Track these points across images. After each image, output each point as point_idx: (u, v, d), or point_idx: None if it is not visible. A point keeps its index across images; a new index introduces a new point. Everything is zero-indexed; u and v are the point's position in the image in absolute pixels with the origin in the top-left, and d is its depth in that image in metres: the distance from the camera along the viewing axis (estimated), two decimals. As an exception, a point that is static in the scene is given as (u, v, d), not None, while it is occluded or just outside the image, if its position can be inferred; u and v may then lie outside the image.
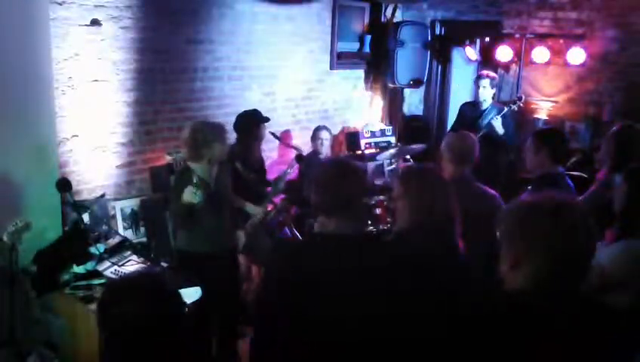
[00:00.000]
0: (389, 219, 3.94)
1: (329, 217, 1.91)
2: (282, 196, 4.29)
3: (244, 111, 4.30)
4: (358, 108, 6.44)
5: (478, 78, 5.17)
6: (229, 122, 4.49)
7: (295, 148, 4.61)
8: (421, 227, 2.12)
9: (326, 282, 1.78)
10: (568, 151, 3.35)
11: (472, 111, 5.22)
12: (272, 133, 4.52)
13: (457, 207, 2.22)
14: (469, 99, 5.90)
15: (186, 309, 1.65)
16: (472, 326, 1.47)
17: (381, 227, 3.90)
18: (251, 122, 4.17)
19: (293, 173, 4.59)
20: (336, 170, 1.96)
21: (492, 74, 5.23)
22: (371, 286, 1.78)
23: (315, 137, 5.17)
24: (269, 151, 5.22)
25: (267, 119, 4.24)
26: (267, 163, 5.07)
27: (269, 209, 4.05)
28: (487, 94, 5.12)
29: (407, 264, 1.87)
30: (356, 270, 1.80)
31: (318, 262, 1.84)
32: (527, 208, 1.53)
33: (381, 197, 4.15)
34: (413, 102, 6.87)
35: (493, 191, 3.02)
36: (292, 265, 1.89)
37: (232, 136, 4.15)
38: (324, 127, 5.24)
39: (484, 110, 5.11)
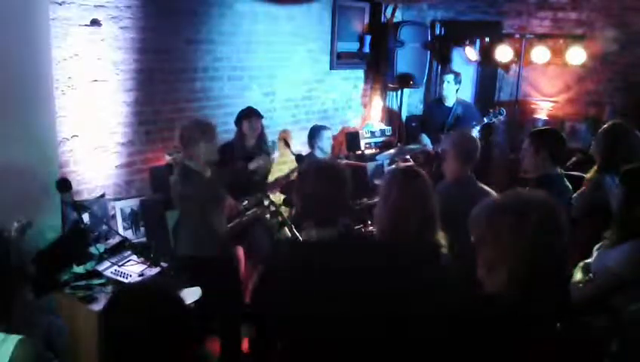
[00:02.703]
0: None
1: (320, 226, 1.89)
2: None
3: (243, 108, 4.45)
4: (358, 108, 6.44)
5: (442, 74, 5.42)
6: (229, 122, 4.53)
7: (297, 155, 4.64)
8: (400, 227, 2.12)
9: (317, 282, 1.79)
10: (566, 151, 3.35)
11: (438, 108, 5.43)
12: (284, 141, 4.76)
13: (436, 207, 2.23)
14: (468, 100, 5.94)
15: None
16: (455, 328, 1.46)
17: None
18: (240, 117, 4.36)
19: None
20: (328, 181, 1.93)
21: (456, 71, 5.47)
22: (358, 286, 1.78)
23: (316, 137, 5.14)
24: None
25: (258, 116, 4.40)
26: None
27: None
28: (450, 90, 5.33)
29: (391, 264, 1.87)
30: (345, 271, 1.80)
31: (310, 264, 1.83)
32: (492, 210, 1.52)
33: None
34: (413, 102, 6.87)
35: (493, 192, 3.02)
36: (286, 265, 1.89)
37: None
38: (326, 127, 5.22)
39: (450, 108, 5.29)
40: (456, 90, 5.40)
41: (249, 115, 4.37)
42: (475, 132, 4.95)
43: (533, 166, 3.21)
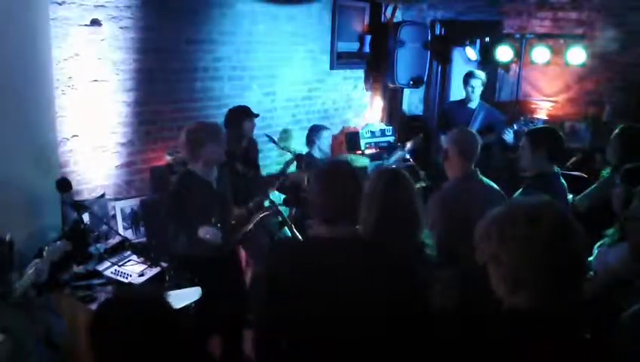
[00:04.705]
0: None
1: (329, 224, 1.89)
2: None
3: (234, 106, 4.36)
4: (358, 108, 6.44)
5: (469, 77, 5.20)
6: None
7: (290, 151, 4.63)
8: (386, 228, 2.13)
9: (317, 282, 1.78)
10: (564, 150, 3.36)
11: (460, 110, 5.27)
12: (268, 136, 4.57)
13: (420, 207, 2.24)
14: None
15: (186, 327, 1.62)
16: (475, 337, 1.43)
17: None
18: (239, 117, 4.24)
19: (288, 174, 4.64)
20: (337, 179, 1.91)
21: (481, 73, 5.27)
22: (359, 286, 1.78)
23: (316, 137, 5.14)
24: (267, 150, 5.22)
25: (256, 115, 4.30)
26: (265, 162, 5.09)
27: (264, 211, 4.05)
28: (477, 93, 5.20)
29: (387, 264, 1.87)
30: (347, 270, 1.80)
31: (313, 263, 1.83)
32: (504, 222, 1.39)
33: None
34: (413, 102, 6.88)
35: (497, 187, 3.07)
36: (287, 265, 1.88)
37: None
38: (327, 127, 5.22)
39: (473, 110, 5.17)
40: (481, 92, 5.26)
41: (249, 114, 4.31)
42: (510, 136, 4.92)
43: (530, 164, 3.22)
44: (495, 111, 5.27)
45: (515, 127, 4.91)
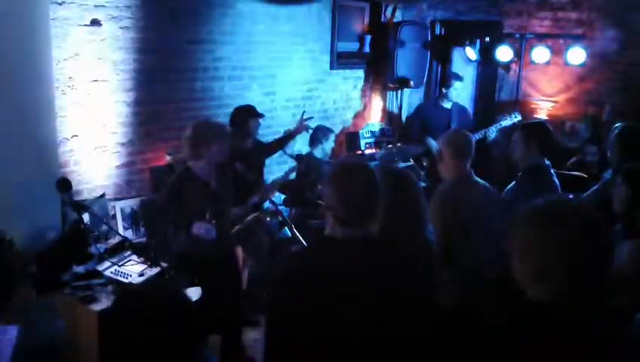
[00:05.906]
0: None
1: (343, 225, 1.87)
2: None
3: (239, 105, 4.36)
4: (358, 108, 6.44)
5: (456, 78, 5.45)
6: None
7: (291, 156, 4.63)
8: (395, 228, 2.13)
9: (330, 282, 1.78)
10: (555, 142, 3.40)
11: (437, 111, 5.47)
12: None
13: (424, 207, 2.24)
14: (468, 99, 5.95)
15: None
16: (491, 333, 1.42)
17: None
18: (244, 116, 4.23)
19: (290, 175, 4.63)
20: (351, 179, 1.89)
21: (459, 74, 5.60)
22: (370, 286, 1.78)
23: (323, 138, 5.12)
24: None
25: (261, 115, 4.30)
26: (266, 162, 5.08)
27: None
28: (456, 94, 5.47)
29: (400, 265, 1.87)
30: (360, 270, 1.80)
31: (327, 265, 1.82)
32: (541, 216, 1.43)
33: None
34: (413, 102, 6.87)
35: (491, 187, 3.08)
36: (301, 267, 1.88)
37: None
38: (333, 130, 5.21)
39: (449, 110, 5.38)
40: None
41: (255, 113, 4.28)
42: (493, 133, 5.06)
43: (522, 157, 3.27)
44: (467, 111, 5.51)
45: (502, 123, 5.06)
